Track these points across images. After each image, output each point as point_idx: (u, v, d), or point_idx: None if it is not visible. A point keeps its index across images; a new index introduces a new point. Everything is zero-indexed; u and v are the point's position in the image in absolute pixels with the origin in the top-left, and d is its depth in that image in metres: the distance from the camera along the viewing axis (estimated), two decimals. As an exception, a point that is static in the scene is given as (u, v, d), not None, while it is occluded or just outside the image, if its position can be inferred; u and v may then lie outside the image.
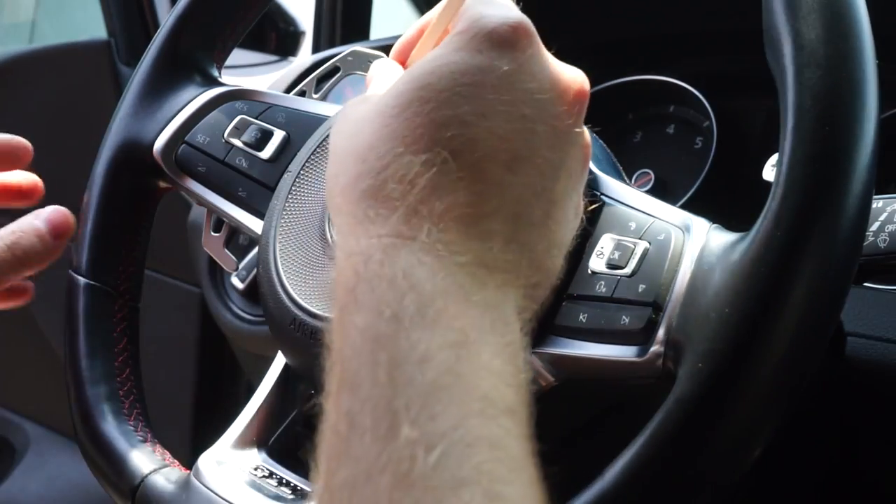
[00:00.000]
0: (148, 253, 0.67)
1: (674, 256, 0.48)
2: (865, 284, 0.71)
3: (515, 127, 0.44)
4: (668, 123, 0.96)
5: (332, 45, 1.44)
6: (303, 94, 0.74)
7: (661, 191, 0.92)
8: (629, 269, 0.48)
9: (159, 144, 0.65)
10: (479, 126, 0.43)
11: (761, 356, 0.42)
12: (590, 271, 0.49)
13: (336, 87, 0.73)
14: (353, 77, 0.72)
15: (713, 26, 0.97)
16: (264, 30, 1.62)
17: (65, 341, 0.63)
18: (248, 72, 1.49)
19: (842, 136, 0.42)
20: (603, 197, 0.52)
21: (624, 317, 0.48)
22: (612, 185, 0.52)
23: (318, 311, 0.55)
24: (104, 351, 0.63)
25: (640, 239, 0.49)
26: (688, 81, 0.92)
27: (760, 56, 0.46)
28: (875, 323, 0.66)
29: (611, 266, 0.49)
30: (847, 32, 0.43)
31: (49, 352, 1.57)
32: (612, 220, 0.51)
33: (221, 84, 0.68)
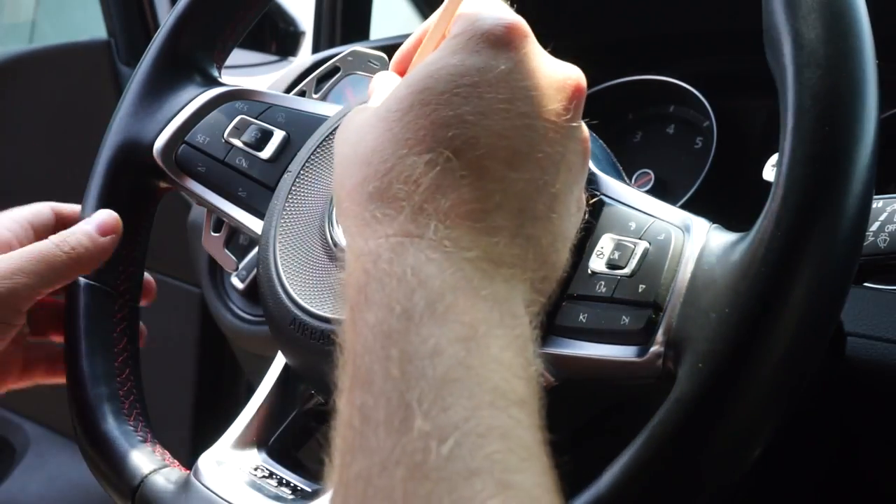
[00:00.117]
0: (148, 253, 0.67)
1: (674, 256, 0.48)
2: (865, 284, 0.71)
3: (514, 124, 0.44)
4: (668, 123, 0.96)
5: (332, 45, 1.44)
6: (303, 94, 0.74)
7: (661, 191, 0.92)
8: (629, 269, 0.48)
9: (159, 144, 0.65)
10: (479, 125, 0.44)
11: (761, 356, 0.42)
12: (590, 271, 0.49)
13: (336, 87, 0.73)
14: (353, 77, 0.72)
15: (713, 26, 0.97)
16: (264, 30, 1.62)
17: (65, 341, 0.63)
18: (248, 72, 1.49)
19: (842, 136, 0.42)
20: (603, 197, 0.52)
21: (624, 317, 0.48)
22: (612, 185, 0.52)
23: (318, 311, 0.55)
24: (104, 351, 0.63)
25: (640, 239, 0.49)
26: (688, 81, 0.92)
27: (760, 56, 0.46)
28: (875, 323, 0.66)
29: (611, 266, 0.49)
30: (847, 32, 0.43)
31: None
32: (612, 220, 0.51)
33: (221, 84, 0.68)
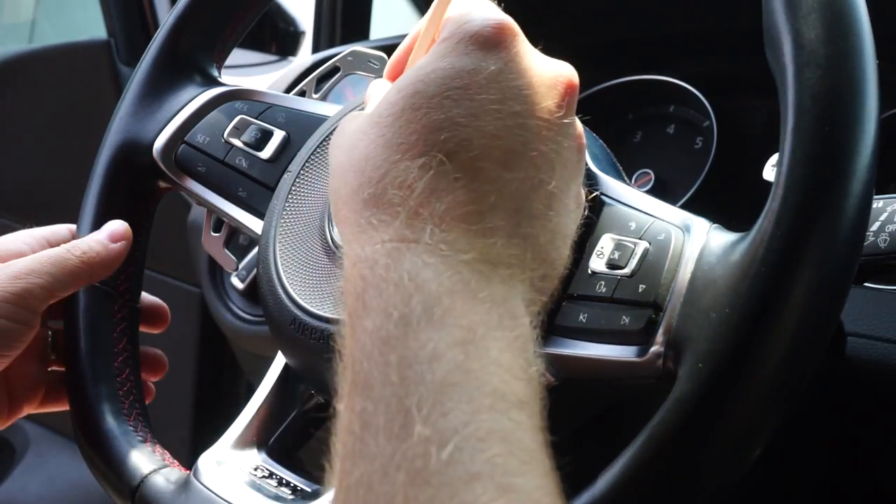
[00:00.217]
0: (148, 253, 0.67)
1: (674, 256, 0.48)
2: (866, 284, 0.71)
3: (507, 124, 0.44)
4: (668, 123, 0.96)
5: (332, 45, 1.44)
6: (303, 93, 0.74)
7: (661, 191, 0.92)
8: (629, 269, 0.48)
9: (159, 144, 0.65)
10: (470, 126, 0.44)
11: (761, 356, 0.42)
12: (590, 271, 0.49)
13: (336, 87, 0.73)
14: (353, 77, 0.72)
15: (713, 26, 0.97)
16: (264, 30, 1.62)
17: (65, 341, 0.63)
18: (248, 72, 1.49)
19: (842, 136, 0.42)
20: (603, 197, 0.52)
21: (624, 317, 0.48)
22: (612, 185, 0.52)
23: (318, 311, 0.55)
24: (104, 351, 0.63)
25: (640, 239, 0.49)
26: (688, 81, 0.92)
27: (760, 56, 0.46)
28: (875, 323, 0.66)
29: (611, 266, 0.49)
30: (847, 32, 0.43)
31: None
32: (612, 220, 0.50)
33: (221, 84, 0.68)
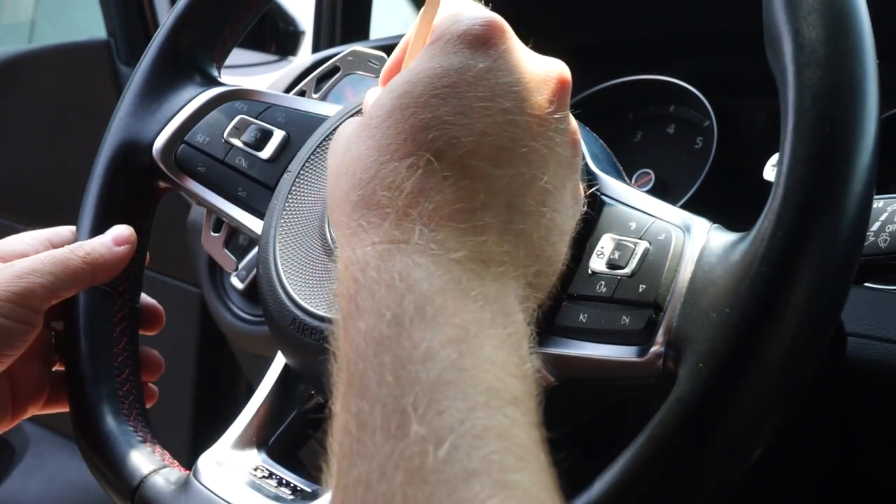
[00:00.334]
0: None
1: (674, 256, 0.48)
2: (866, 284, 0.71)
3: (496, 121, 0.44)
4: (668, 123, 0.96)
5: (332, 44, 1.44)
6: (302, 93, 0.74)
7: (661, 191, 0.92)
8: (629, 270, 0.48)
9: (159, 144, 0.65)
10: (459, 124, 0.44)
11: (762, 356, 0.42)
12: (590, 271, 0.49)
13: (336, 86, 0.73)
14: (353, 77, 0.72)
15: (713, 26, 0.97)
16: (264, 30, 1.62)
17: (65, 341, 0.63)
18: (247, 72, 1.49)
19: (842, 135, 0.42)
20: (603, 197, 0.52)
21: (624, 317, 0.47)
22: (612, 185, 0.52)
23: (317, 311, 0.55)
24: (104, 351, 0.63)
25: (640, 239, 0.49)
26: (688, 81, 0.92)
27: (760, 56, 0.46)
28: (875, 323, 0.66)
29: (611, 266, 0.49)
30: (847, 31, 0.43)
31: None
32: (612, 220, 0.50)
33: (221, 84, 0.67)
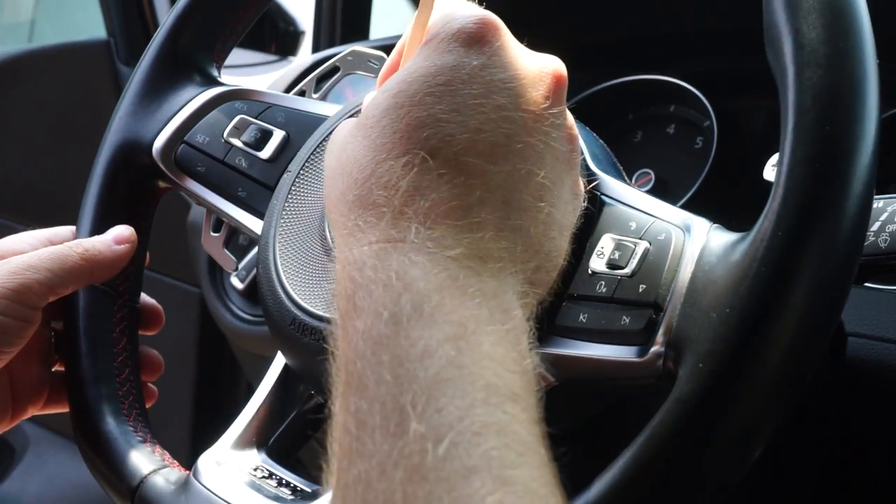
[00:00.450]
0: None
1: (674, 256, 0.48)
2: (866, 284, 0.71)
3: (490, 117, 0.44)
4: (668, 123, 0.96)
5: (332, 44, 1.44)
6: (302, 93, 0.74)
7: (661, 191, 0.92)
8: (629, 270, 0.48)
9: (158, 144, 0.65)
10: (453, 122, 0.44)
11: (762, 356, 0.42)
12: (590, 271, 0.49)
13: (336, 86, 0.73)
14: (353, 77, 0.72)
15: (713, 26, 0.97)
16: (264, 29, 1.62)
17: (64, 341, 0.63)
18: (247, 71, 1.49)
19: (842, 135, 0.42)
20: (603, 197, 0.51)
21: (624, 317, 0.47)
22: (612, 185, 0.52)
23: (317, 311, 0.55)
24: (104, 351, 0.63)
25: (640, 239, 0.49)
26: (688, 81, 0.92)
27: (760, 56, 0.46)
28: (875, 323, 0.66)
29: (611, 266, 0.49)
30: (847, 31, 0.43)
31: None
32: (612, 220, 0.50)
33: (221, 84, 0.67)
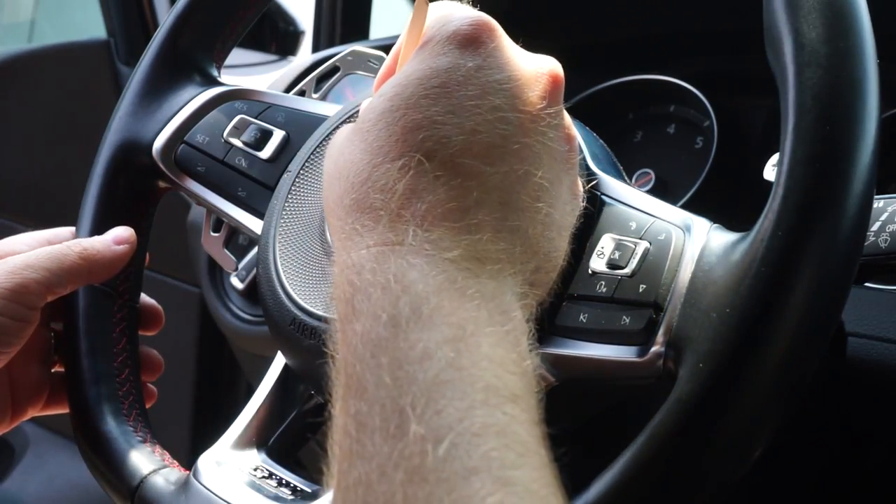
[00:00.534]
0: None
1: (674, 256, 0.48)
2: (866, 285, 0.71)
3: (486, 118, 0.44)
4: (668, 123, 0.96)
5: (332, 44, 1.44)
6: (302, 93, 0.74)
7: (661, 190, 0.92)
8: (630, 269, 0.48)
9: (158, 144, 0.65)
10: (449, 124, 0.44)
11: (762, 356, 0.42)
12: (590, 271, 0.49)
13: (336, 86, 0.73)
14: (353, 77, 0.72)
15: (713, 26, 0.97)
16: (264, 29, 1.62)
17: (64, 341, 0.63)
18: (247, 71, 1.49)
19: (843, 135, 0.42)
20: (603, 196, 0.51)
21: (624, 317, 0.47)
22: (612, 185, 0.52)
23: (317, 311, 0.55)
24: (104, 351, 0.62)
25: (640, 239, 0.49)
26: (688, 81, 0.92)
27: (761, 56, 0.46)
28: (875, 323, 0.66)
29: (611, 266, 0.49)
30: (848, 31, 0.43)
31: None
32: (612, 220, 0.50)
33: (221, 84, 0.67)
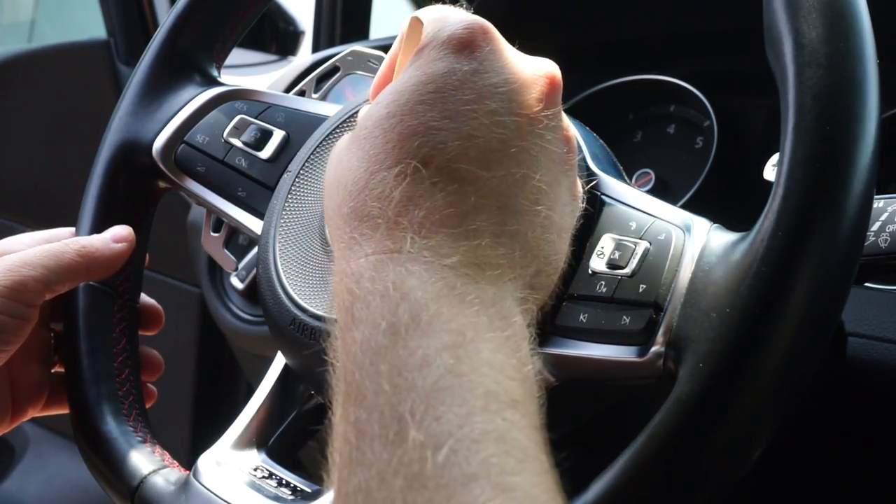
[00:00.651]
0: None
1: (674, 256, 0.48)
2: (866, 285, 0.71)
3: (483, 123, 0.44)
4: (668, 123, 0.96)
5: (332, 44, 1.44)
6: (302, 93, 0.74)
7: (661, 190, 0.92)
8: (630, 269, 0.48)
9: (158, 144, 0.65)
10: (445, 129, 0.44)
11: (762, 356, 0.42)
12: (590, 271, 0.49)
13: (336, 86, 0.73)
14: (353, 77, 0.72)
15: (713, 26, 0.97)
16: (264, 29, 1.62)
17: (64, 341, 0.63)
18: (247, 71, 1.49)
19: (843, 135, 0.42)
20: (603, 196, 0.51)
21: (624, 317, 0.47)
22: (612, 185, 0.52)
23: (317, 312, 0.55)
24: (104, 351, 0.62)
25: (640, 239, 0.49)
26: (688, 81, 0.92)
27: (761, 56, 0.46)
28: (875, 323, 0.66)
29: (611, 266, 0.49)
30: (848, 31, 0.43)
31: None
32: (612, 220, 0.50)
33: (221, 84, 0.67)
